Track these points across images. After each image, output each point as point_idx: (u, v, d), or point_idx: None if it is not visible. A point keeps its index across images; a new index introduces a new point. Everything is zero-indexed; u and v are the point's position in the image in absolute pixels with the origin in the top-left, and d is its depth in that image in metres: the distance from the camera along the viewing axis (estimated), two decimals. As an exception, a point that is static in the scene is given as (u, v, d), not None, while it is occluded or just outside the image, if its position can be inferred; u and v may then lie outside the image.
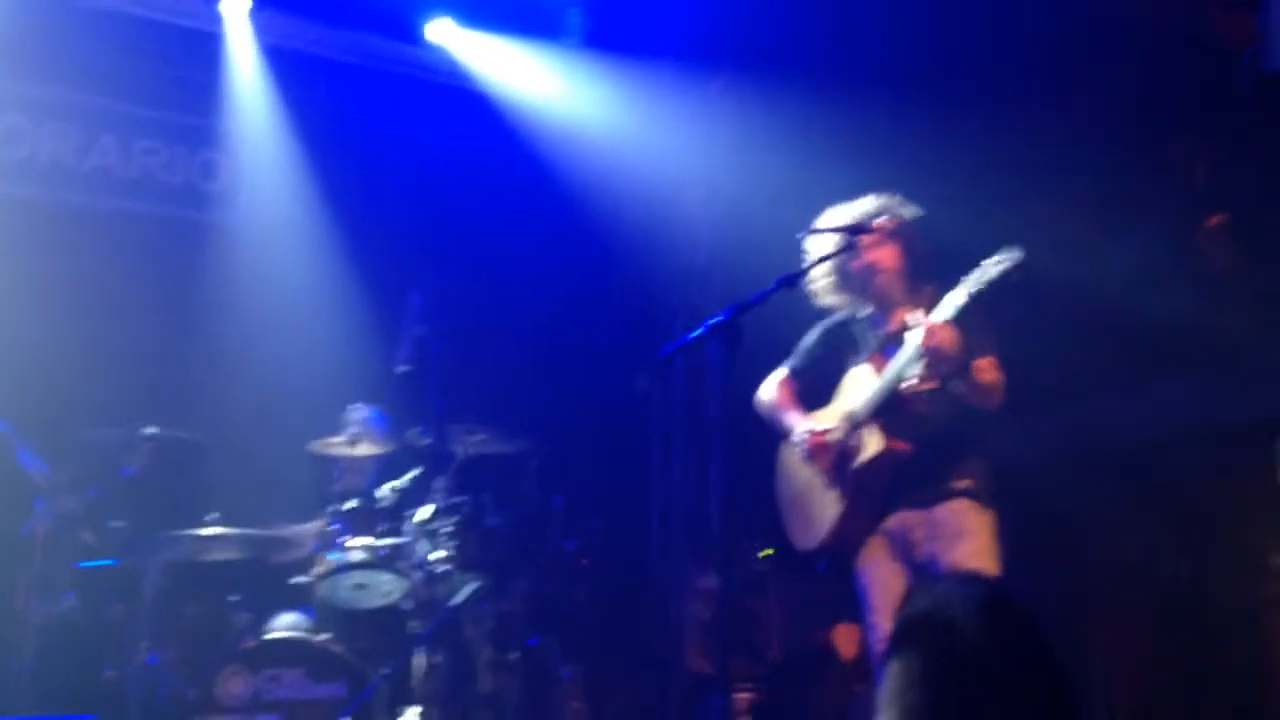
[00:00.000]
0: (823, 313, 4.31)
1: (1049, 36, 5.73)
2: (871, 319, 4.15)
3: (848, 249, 3.97)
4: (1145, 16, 5.56)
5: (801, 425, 4.13)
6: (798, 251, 4.07)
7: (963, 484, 3.89)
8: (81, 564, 4.88)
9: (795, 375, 4.32)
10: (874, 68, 6.12)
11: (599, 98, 6.79)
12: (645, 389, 6.88)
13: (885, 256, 4.04)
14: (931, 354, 3.72)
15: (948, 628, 1.65)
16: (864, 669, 5.04)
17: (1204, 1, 5.42)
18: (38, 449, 4.85)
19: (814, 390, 4.26)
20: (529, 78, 6.91)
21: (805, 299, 4.19)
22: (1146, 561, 5.43)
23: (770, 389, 4.33)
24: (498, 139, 6.80)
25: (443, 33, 6.75)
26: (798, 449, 4.12)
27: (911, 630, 1.70)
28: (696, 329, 3.75)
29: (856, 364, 4.12)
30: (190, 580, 4.92)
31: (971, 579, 1.87)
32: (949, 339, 3.68)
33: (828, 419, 4.11)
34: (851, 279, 4.10)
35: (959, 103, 5.92)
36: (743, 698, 5.42)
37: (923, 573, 3.88)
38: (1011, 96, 5.96)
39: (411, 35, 6.74)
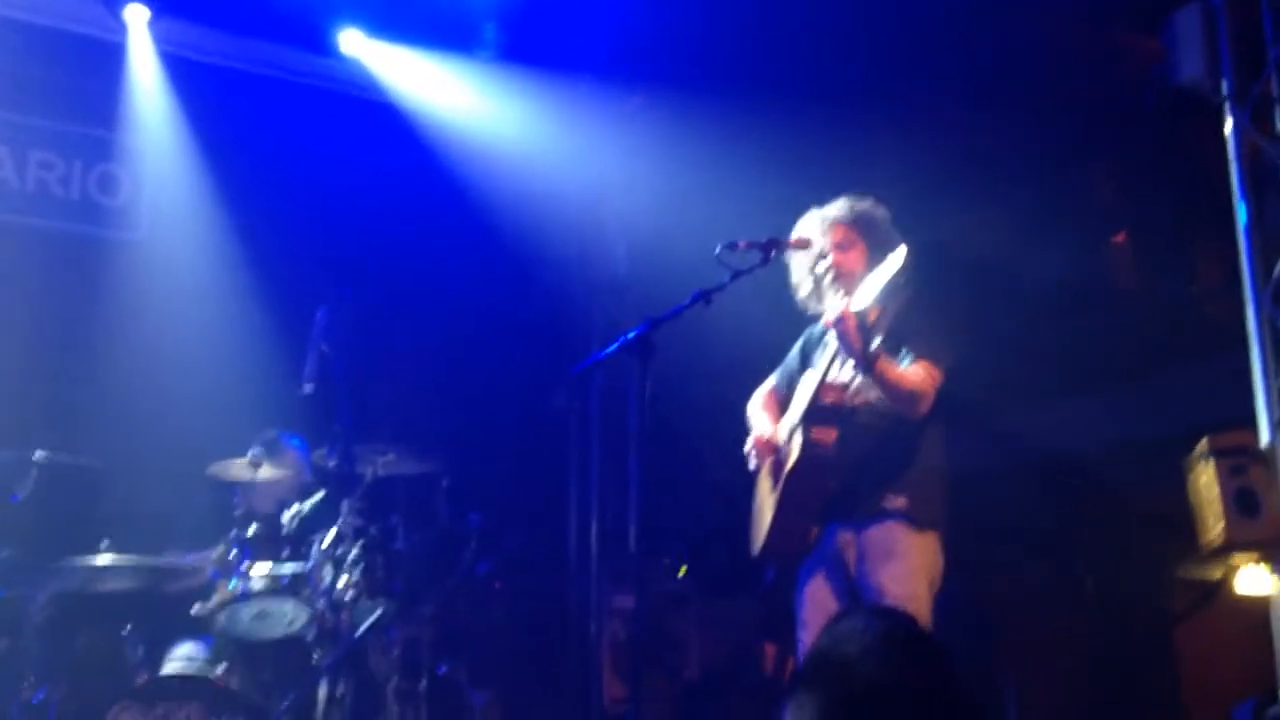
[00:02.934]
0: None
1: (961, 55, 5.79)
2: None
3: (762, 264, 3.91)
4: (1055, 35, 5.64)
5: (755, 432, 4.09)
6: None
7: (897, 503, 3.83)
8: (-38, 596, 4.63)
9: (777, 385, 4.28)
10: (788, 84, 6.13)
11: (515, 112, 6.70)
12: (563, 405, 6.78)
13: (850, 260, 4.00)
14: (839, 336, 3.68)
15: (842, 666, 1.59)
16: (785, 686, 4.97)
17: (1111, 21, 5.51)
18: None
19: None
20: (443, 91, 6.79)
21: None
22: (1059, 576, 5.47)
23: (756, 399, 4.30)
24: (410, 153, 6.66)
25: (354, 44, 6.59)
26: (750, 456, 4.07)
27: (808, 670, 1.65)
28: (611, 345, 3.69)
29: (810, 368, 4.08)
30: (80, 612, 4.69)
31: (873, 612, 1.82)
32: (852, 327, 3.63)
33: (784, 426, 4.06)
34: (824, 284, 4.05)
35: (873, 118, 5.95)
36: None
37: (856, 591, 3.83)
38: (925, 114, 6.01)
39: (322, 46, 6.57)
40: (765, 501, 4.05)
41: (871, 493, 3.85)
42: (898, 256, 3.59)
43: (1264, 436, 4.12)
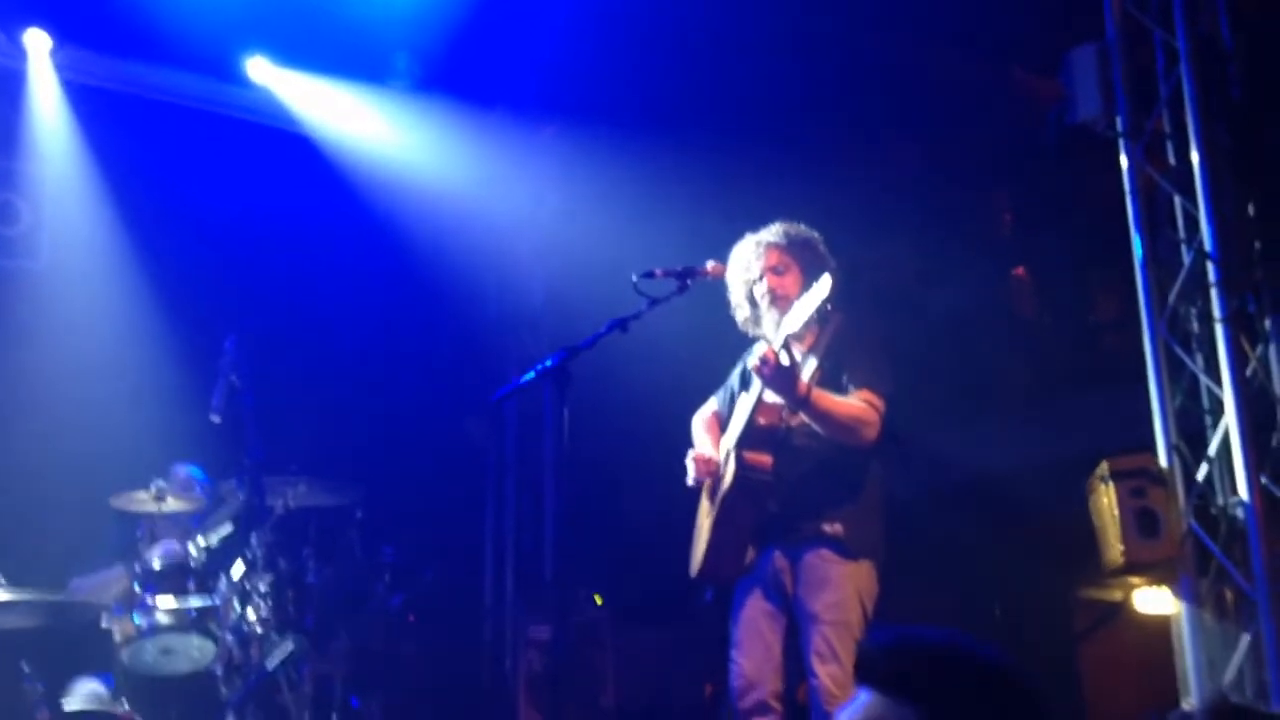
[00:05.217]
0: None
1: (867, 92, 5.94)
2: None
3: (679, 292, 3.93)
4: (961, 74, 5.82)
5: (696, 448, 4.07)
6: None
7: (833, 529, 3.81)
8: None
9: (719, 408, 4.25)
10: (699, 117, 6.22)
11: (428, 142, 6.68)
12: (475, 432, 6.73)
13: (785, 284, 4.00)
14: (764, 381, 3.70)
15: None
16: (713, 713, 4.99)
17: (1014, 60, 5.71)
18: None
19: None
20: (355, 121, 6.74)
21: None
22: (964, 597, 5.56)
23: (699, 418, 4.28)
24: (322, 182, 6.60)
25: (262, 72, 6.51)
26: (689, 474, 4.05)
27: None
28: (528, 373, 3.67)
29: (746, 391, 4.06)
30: (-26, 650, 4.52)
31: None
32: (771, 367, 3.65)
33: (723, 447, 4.05)
34: (761, 308, 4.04)
35: (782, 153, 6.05)
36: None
37: (793, 614, 3.82)
38: (832, 149, 6.14)
39: (228, 74, 6.48)
40: (704, 522, 4.03)
41: (808, 517, 3.83)
42: (823, 285, 3.59)
43: (1162, 459, 4.25)
